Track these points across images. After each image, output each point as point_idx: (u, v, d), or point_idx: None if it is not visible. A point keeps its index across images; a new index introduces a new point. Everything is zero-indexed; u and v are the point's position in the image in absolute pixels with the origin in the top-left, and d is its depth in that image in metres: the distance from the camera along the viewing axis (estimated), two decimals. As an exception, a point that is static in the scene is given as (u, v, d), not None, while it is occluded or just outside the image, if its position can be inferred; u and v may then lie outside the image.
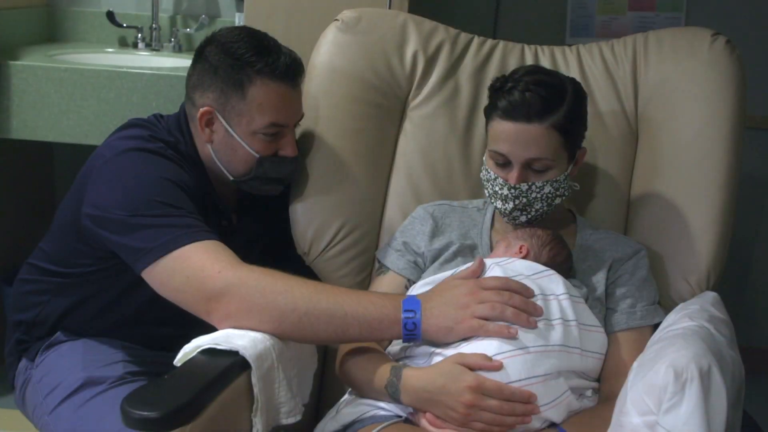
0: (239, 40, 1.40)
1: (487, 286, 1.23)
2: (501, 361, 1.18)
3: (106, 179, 1.34)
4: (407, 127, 1.63)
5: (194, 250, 1.23)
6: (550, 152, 1.32)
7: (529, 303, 1.22)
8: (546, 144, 1.31)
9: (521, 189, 1.34)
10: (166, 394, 1.06)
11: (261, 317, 1.20)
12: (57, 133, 2.03)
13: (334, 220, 1.54)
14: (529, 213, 1.38)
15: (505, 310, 1.20)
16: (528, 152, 1.32)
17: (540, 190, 1.35)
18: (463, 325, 1.20)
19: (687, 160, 1.49)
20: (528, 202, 1.36)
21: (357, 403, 1.30)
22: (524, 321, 1.20)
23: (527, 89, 1.30)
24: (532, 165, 1.33)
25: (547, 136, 1.31)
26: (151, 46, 2.43)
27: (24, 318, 1.53)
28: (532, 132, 1.30)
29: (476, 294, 1.22)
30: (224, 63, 1.39)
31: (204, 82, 1.41)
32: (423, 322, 1.20)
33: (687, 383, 1.03)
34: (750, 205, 2.55)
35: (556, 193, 1.37)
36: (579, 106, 1.36)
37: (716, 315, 1.31)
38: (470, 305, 1.21)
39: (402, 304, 1.21)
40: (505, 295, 1.21)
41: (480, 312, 1.20)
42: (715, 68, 1.50)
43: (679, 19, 2.49)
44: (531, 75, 1.34)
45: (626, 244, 1.43)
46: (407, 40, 1.62)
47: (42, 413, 1.45)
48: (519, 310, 1.21)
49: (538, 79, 1.33)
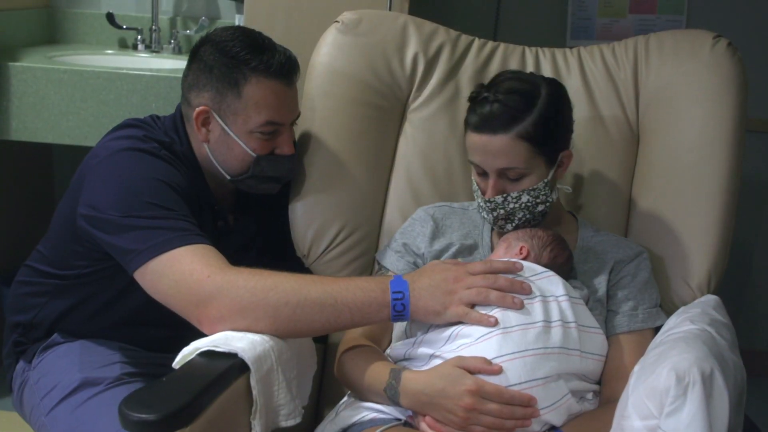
0: (234, 39, 1.40)
1: (474, 270, 1.25)
2: (500, 365, 1.17)
3: (100, 179, 1.34)
4: (407, 129, 1.63)
5: (184, 254, 1.23)
6: (520, 161, 1.32)
7: (515, 282, 1.24)
8: (514, 154, 1.31)
9: (496, 201, 1.36)
10: (164, 396, 1.05)
11: (255, 315, 1.19)
12: (56, 135, 2.02)
13: (333, 222, 1.54)
14: (512, 222, 1.39)
15: (489, 294, 1.22)
16: (497, 162, 1.33)
17: (517, 200, 1.36)
18: (450, 310, 1.22)
19: (688, 163, 1.49)
20: (507, 213, 1.37)
21: (356, 406, 1.29)
22: (509, 302, 1.22)
23: (496, 99, 1.31)
24: (506, 174, 1.35)
25: (514, 146, 1.31)
26: (151, 48, 2.43)
27: (21, 320, 1.52)
28: (498, 143, 1.31)
29: (463, 280, 1.23)
30: (219, 62, 1.38)
31: (199, 82, 1.41)
32: (411, 304, 1.22)
33: (689, 387, 1.02)
34: (751, 208, 2.55)
35: (536, 200, 1.36)
36: (553, 111, 1.34)
37: (718, 318, 1.31)
38: (457, 291, 1.23)
39: (390, 286, 1.22)
40: (490, 278, 1.23)
41: (466, 298, 1.22)
42: (716, 71, 1.50)
43: (680, 22, 2.49)
44: (505, 82, 1.35)
45: (628, 246, 1.43)
46: (408, 42, 1.62)
47: (39, 414, 1.44)
48: (504, 292, 1.22)
49: (509, 86, 1.33)
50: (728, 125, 1.47)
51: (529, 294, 1.24)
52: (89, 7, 2.50)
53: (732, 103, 1.48)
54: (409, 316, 1.23)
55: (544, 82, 1.36)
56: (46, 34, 2.48)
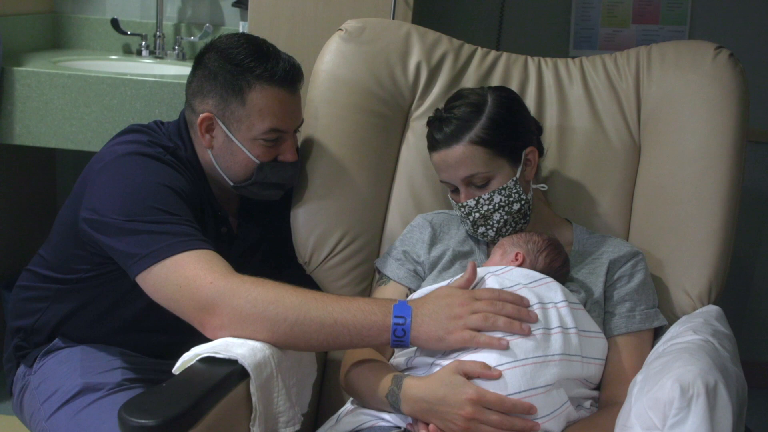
0: (238, 46, 1.40)
1: (481, 297, 1.23)
2: (500, 370, 1.17)
3: (103, 183, 1.34)
4: (409, 137, 1.63)
5: (188, 259, 1.23)
6: (481, 165, 1.36)
7: (522, 311, 1.22)
8: (472, 160, 1.36)
9: (470, 205, 1.39)
10: (164, 402, 1.05)
11: (254, 327, 1.19)
12: (60, 140, 2.03)
13: (335, 229, 1.54)
14: (492, 226, 1.40)
15: (497, 320, 1.19)
16: (459, 172, 1.37)
17: (489, 201, 1.38)
18: (454, 335, 1.19)
19: (689, 173, 1.49)
20: (483, 216, 1.39)
21: (357, 413, 1.29)
22: (517, 328, 1.20)
23: (447, 116, 1.38)
24: (472, 182, 1.38)
25: (470, 152, 1.36)
26: (155, 54, 2.44)
27: (23, 324, 1.52)
28: (454, 154, 1.36)
29: (469, 305, 1.21)
30: (224, 69, 1.39)
31: (204, 89, 1.41)
32: (413, 329, 1.20)
33: (693, 399, 1.02)
34: (752, 219, 2.55)
35: (510, 199, 1.38)
36: (502, 112, 1.38)
37: (720, 329, 1.30)
38: (463, 316, 1.20)
39: (393, 310, 1.21)
40: (498, 305, 1.21)
41: (472, 323, 1.19)
42: (718, 81, 1.50)
43: (682, 32, 2.49)
44: (454, 101, 1.42)
45: (623, 246, 1.43)
46: (411, 51, 1.63)
47: (39, 419, 1.44)
48: (512, 319, 1.20)
49: (456, 103, 1.40)
50: (729, 136, 1.48)
51: (536, 323, 1.22)
52: (94, 13, 2.51)
53: (733, 114, 1.49)
54: (409, 342, 1.21)
55: (491, 90, 1.43)
56: (50, 39, 2.49)
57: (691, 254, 1.46)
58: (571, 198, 1.59)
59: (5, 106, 2.01)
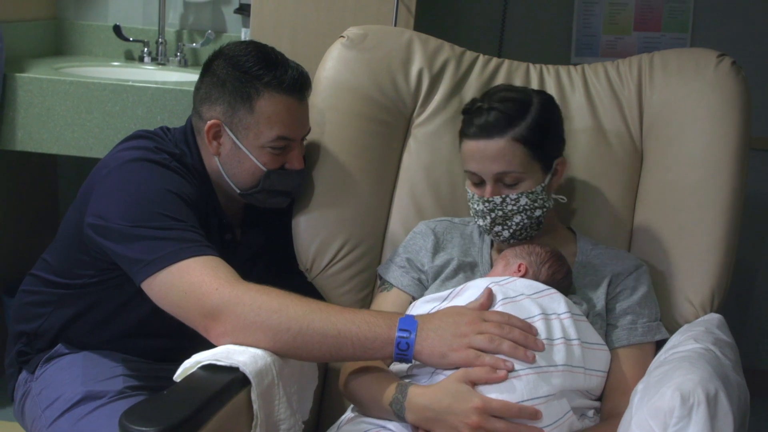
0: (247, 54, 1.41)
1: (489, 318, 1.21)
2: (506, 372, 1.16)
3: (109, 189, 1.34)
4: (411, 145, 1.63)
5: (193, 265, 1.23)
6: (517, 164, 1.34)
7: (530, 338, 1.20)
8: (511, 157, 1.34)
9: (495, 202, 1.37)
10: (164, 409, 1.05)
11: (257, 336, 1.19)
12: (61, 146, 2.03)
13: (336, 236, 1.54)
14: (509, 227, 1.38)
15: (502, 343, 1.18)
16: (494, 167, 1.35)
17: (516, 202, 1.36)
18: (458, 353, 1.18)
19: (691, 181, 1.49)
20: (505, 215, 1.37)
21: (358, 421, 1.29)
22: (521, 355, 1.18)
23: (491, 107, 1.35)
24: (503, 179, 1.36)
25: (511, 148, 1.33)
26: (157, 61, 2.44)
27: (26, 329, 1.52)
28: (495, 146, 1.34)
29: (476, 324, 1.19)
30: (232, 76, 1.39)
31: (212, 96, 1.41)
32: (417, 344, 1.18)
33: (694, 408, 1.01)
34: (755, 227, 2.54)
35: (534, 204, 1.37)
36: (547, 117, 1.38)
37: (721, 338, 1.30)
38: (468, 335, 1.18)
39: (398, 323, 1.20)
40: (505, 328, 1.19)
41: (477, 343, 1.18)
42: (720, 89, 1.50)
43: (684, 40, 2.50)
44: (498, 93, 1.39)
45: (626, 259, 1.43)
46: (412, 58, 1.63)
47: (41, 426, 1.44)
48: (517, 344, 1.18)
49: (502, 96, 1.38)
50: (732, 144, 1.48)
51: (542, 351, 1.20)
52: (96, 19, 2.52)
53: (736, 122, 1.49)
54: (413, 356, 1.20)
55: (535, 92, 1.42)
56: (53, 45, 2.49)
57: (693, 262, 1.46)
58: (573, 204, 1.58)
59: (7, 113, 2.01)
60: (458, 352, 1.18)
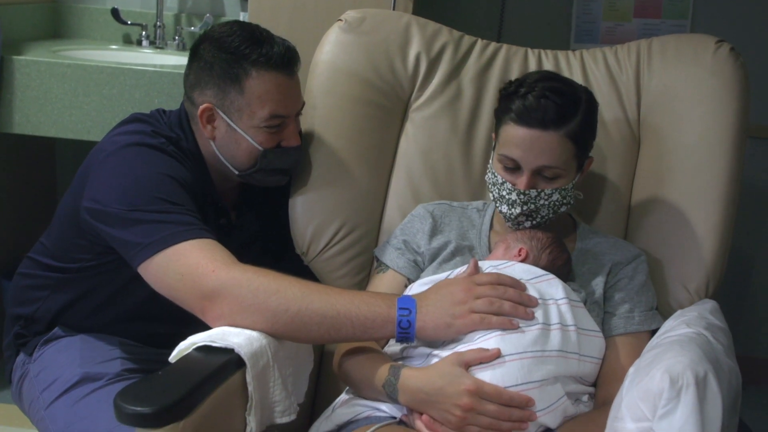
0: (232, 34, 1.40)
1: (481, 281, 1.23)
2: (498, 349, 1.17)
3: (106, 173, 1.34)
4: (408, 129, 1.63)
5: (190, 248, 1.23)
6: (562, 161, 1.32)
7: (524, 295, 1.23)
8: (559, 153, 1.31)
9: (530, 195, 1.34)
10: (159, 390, 1.05)
11: (254, 317, 1.19)
12: (59, 129, 2.03)
13: (333, 219, 1.54)
14: (534, 219, 1.38)
15: (502, 304, 1.20)
16: (540, 159, 1.31)
17: (549, 198, 1.35)
18: (462, 320, 1.19)
19: (688, 167, 1.49)
20: (535, 209, 1.36)
21: (352, 404, 1.29)
22: (522, 313, 1.20)
23: (543, 95, 1.29)
24: (542, 172, 1.33)
25: (562, 144, 1.30)
26: (155, 44, 2.44)
27: (23, 312, 1.53)
28: (547, 139, 1.30)
29: (472, 290, 1.21)
30: (219, 58, 1.39)
31: (201, 80, 1.41)
32: (419, 320, 1.20)
33: (683, 390, 1.02)
34: (751, 214, 2.54)
35: (563, 201, 1.37)
36: (592, 115, 1.36)
37: (714, 323, 1.31)
38: (467, 301, 1.20)
39: (397, 302, 1.21)
40: (500, 289, 1.22)
41: (478, 307, 1.20)
42: (718, 75, 1.50)
43: (684, 27, 2.48)
44: (546, 81, 1.33)
45: (626, 249, 1.43)
46: (410, 42, 1.62)
47: (38, 408, 1.44)
48: (515, 303, 1.21)
49: (552, 86, 1.32)
50: (729, 130, 1.47)
51: (536, 306, 1.23)
52: (94, 3, 2.51)
53: (733, 109, 1.48)
54: (415, 334, 1.20)
55: (581, 88, 1.38)
56: (51, 28, 2.49)
57: (689, 248, 1.46)
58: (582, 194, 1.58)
59: (5, 95, 2.01)
60: (462, 319, 1.19)
